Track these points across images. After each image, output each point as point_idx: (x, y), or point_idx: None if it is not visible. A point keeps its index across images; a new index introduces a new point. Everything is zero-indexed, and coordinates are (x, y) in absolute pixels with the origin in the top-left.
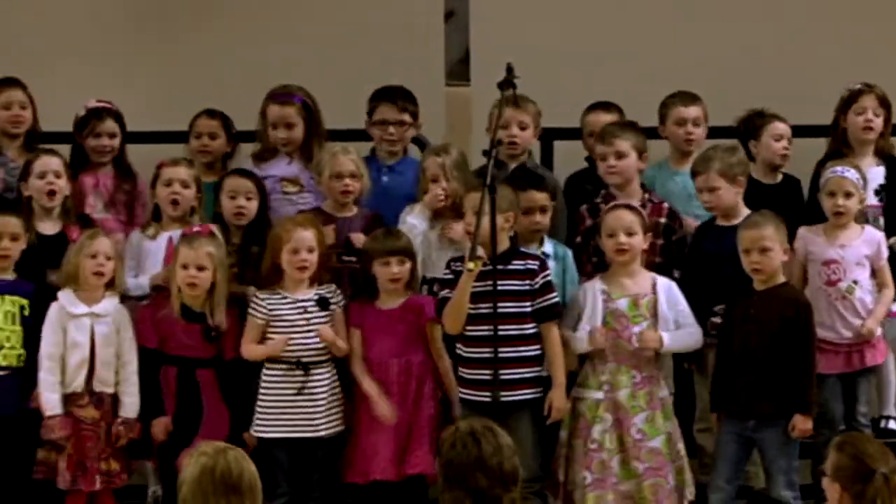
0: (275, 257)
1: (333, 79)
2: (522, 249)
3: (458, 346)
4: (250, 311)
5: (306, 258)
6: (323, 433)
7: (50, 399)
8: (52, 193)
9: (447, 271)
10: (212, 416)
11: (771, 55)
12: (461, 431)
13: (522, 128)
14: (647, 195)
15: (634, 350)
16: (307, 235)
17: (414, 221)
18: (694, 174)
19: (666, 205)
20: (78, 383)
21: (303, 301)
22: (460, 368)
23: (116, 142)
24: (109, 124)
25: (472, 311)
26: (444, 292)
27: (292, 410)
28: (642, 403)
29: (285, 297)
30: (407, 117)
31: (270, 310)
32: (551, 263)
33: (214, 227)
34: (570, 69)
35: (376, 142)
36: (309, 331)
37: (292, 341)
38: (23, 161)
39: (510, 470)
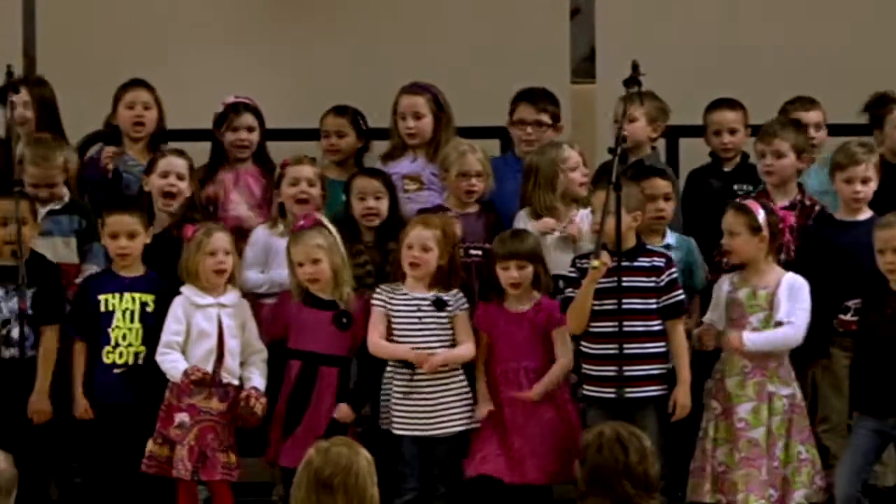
0: (399, 252)
1: (460, 77)
2: (649, 247)
3: (583, 343)
4: (373, 301)
5: (418, 256)
6: (442, 432)
7: (176, 364)
8: (169, 196)
9: (572, 269)
10: (318, 409)
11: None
12: (607, 436)
13: (632, 120)
14: (800, 196)
15: None
16: (425, 234)
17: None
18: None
19: (818, 207)
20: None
21: (419, 299)
22: (584, 365)
23: (254, 136)
24: (247, 118)
25: (598, 308)
26: (568, 291)
27: (413, 407)
28: (750, 393)
29: (405, 294)
30: (545, 118)
31: (389, 302)
32: (675, 254)
33: (320, 215)
34: (694, 66)
35: (515, 141)
36: (420, 330)
37: (402, 338)
38: (146, 161)
39: (654, 477)
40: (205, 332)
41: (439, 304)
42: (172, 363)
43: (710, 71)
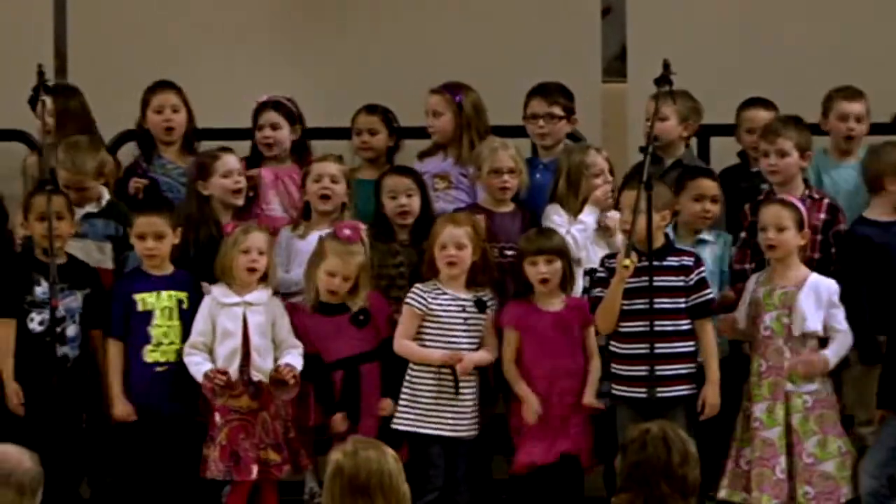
0: (431, 252)
1: (491, 77)
2: (678, 246)
3: (612, 342)
4: (409, 300)
5: (454, 254)
6: (466, 434)
7: (199, 367)
8: (239, 192)
9: (601, 269)
10: (366, 409)
11: None
12: (652, 434)
13: (662, 119)
14: (808, 191)
15: (762, 337)
16: (456, 233)
17: (587, 220)
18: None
19: (827, 200)
20: (232, 371)
21: (463, 300)
22: (614, 365)
23: (280, 134)
24: (270, 116)
25: (627, 307)
26: (597, 291)
27: (439, 408)
28: (765, 392)
29: (445, 293)
30: (557, 110)
31: (429, 303)
32: (714, 249)
33: (363, 227)
34: (726, 64)
35: (531, 137)
36: (464, 330)
37: (444, 338)
38: (182, 162)
39: (693, 482)
40: (228, 332)
41: (481, 306)
42: (196, 365)
43: (742, 69)
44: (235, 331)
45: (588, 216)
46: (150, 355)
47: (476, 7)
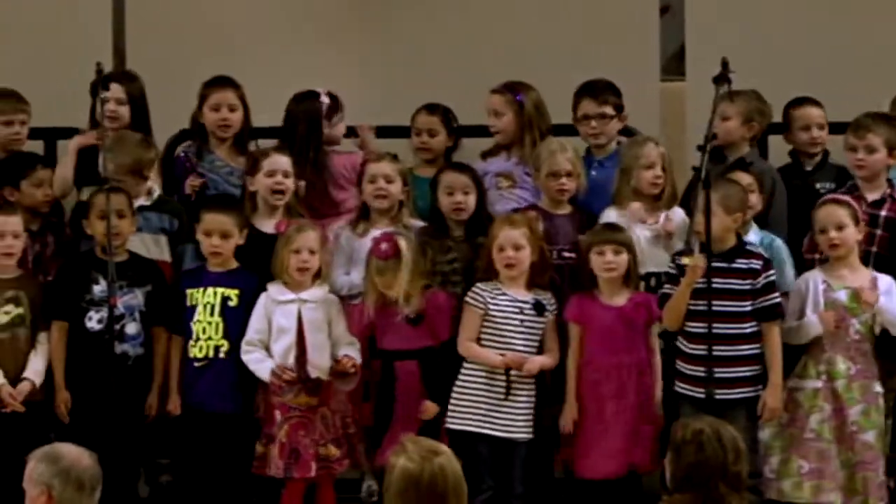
0: (488, 254)
1: (550, 75)
2: (749, 248)
3: (680, 340)
4: (469, 300)
5: (512, 256)
6: (521, 436)
7: (263, 364)
8: (279, 192)
9: (671, 265)
10: (406, 406)
11: None
12: (707, 435)
13: (725, 119)
14: (889, 191)
15: (852, 341)
16: (513, 234)
17: (639, 234)
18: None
19: None
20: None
21: (521, 301)
22: (679, 363)
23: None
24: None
25: (693, 308)
26: (667, 287)
27: (493, 408)
28: (857, 395)
29: (505, 294)
30: (608, 110)
31: (488, 302)
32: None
33: (400, 238)
34: (785, 63)
35: (582, 137)
36: (521, 332)
37: (500, 339)
38: (232, 161)
39: (744, 477)
40: (283, 329)
41: (539, 308)
42: (258, 362)
43: (801, 67)
44: (290, 328)
45: (640, 230)
46: (191, 350)
47: (535, 6)
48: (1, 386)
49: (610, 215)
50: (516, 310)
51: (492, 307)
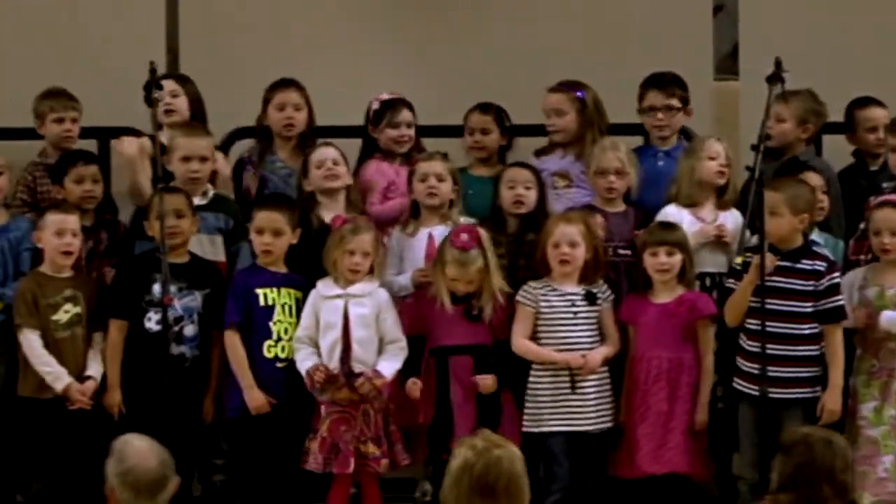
0: (543, 250)
1: (603, 74)
2: (815, 248)
3: (742, 337)
4: (519, 299)
5: (567, 252)
6: (592, 428)
7: (303, 363)
8: (333, 178)
9: (737, 262)
10: (463, 405)
11: None
12: (818, 438)
13: (780, 120)
14: None
15: (876, 338)
16: (569, 231)
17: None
18: None
19: None
20: (333, 365)
21: (571, 294)
22: (738, 359)
23: (413, 132)
24: (406, 114)
25: (753, 305)
26: (729, 282)
27: (563, 404)
28: (874, 392)
29: (555, 290)
30: (675, 102)
31: (539, 299)
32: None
33: (481, 231)
34: (839, 62)
35: (647, 129)
36: (575, 325)
37: (557, 335)
38: (293, 163)
39: (850, 489)
40: (330, 324)
41: (591, 298)
42: (301, 361)
43: (855, 67)
44: (336, 323)
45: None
46: (269, 350)
47: (587, 5)
48: (69, 384)
49: (669, 211)
50: (568, 303)
51: (543, 304)
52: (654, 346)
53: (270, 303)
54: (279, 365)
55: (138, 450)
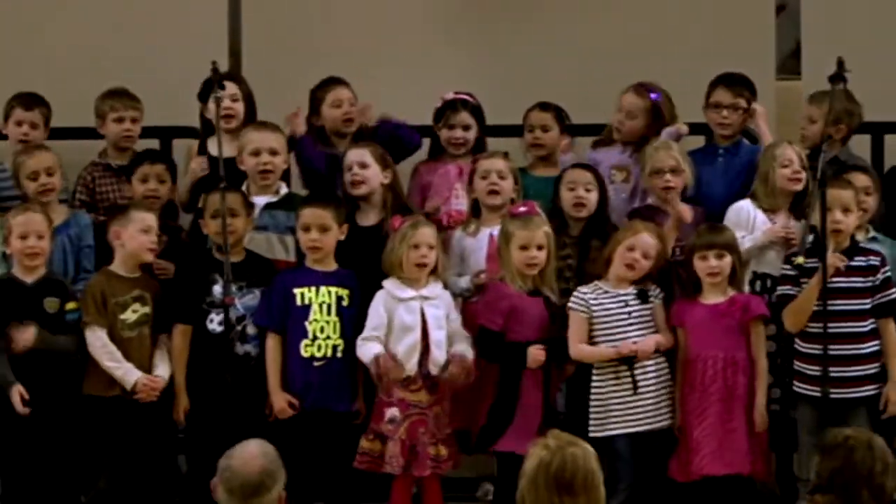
0: (611, 250)
1: (666, 74)
2: (862, 245)
3: (797, 341)
4: (572, 305)
5: (639, 260)
6: (653, 426)
7: (370, 350)
8: (356, 184)
9: (786, 266)
10: (528, 402)
11: None
12: (859, 440)
13: (812, 121)
14: None
15: None
16: (649, 242)
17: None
18: None
19: None
20: (411, 366)
21: (623, 295)
22: (796, 362)
23: (470, 134)
24: (464, 117)
25: (816, 308)
26: (785, 288)
27: (623, 406)
28: None
29: (606, 292)
30: (742, 102)
31: (591, 303)
32: (882, 250)
33: (536, 204)
34: None
35: (711, 126)
36: (630, 324)
37: (615, 336)
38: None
39: (890, 493)
40: (408, 326)
41: (643, 296)
42: (366, 350)
43: None
44: (415, 325)
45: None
46: (306, 350)
47: (649, 5)
48: (140, 378)
49: (742, 206)
50: (621, 304)
51: (595, 307)
52: (708, 347)
53: (307, 302)
54: (316, 364)
55: (244, 453)
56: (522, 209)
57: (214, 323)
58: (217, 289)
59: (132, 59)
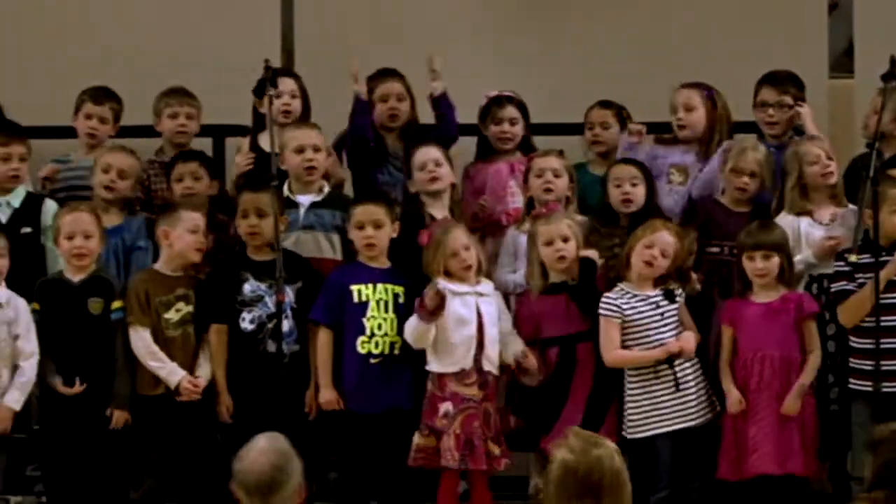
0: (630, 250)
1: (718, 72)
2: None
3: (851, 336)
4: (603, 311)
5: (658, 258)
6: (695, 422)
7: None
8: (434, 180)
9: (839, 263)
10: (573, 397)
11: None
12: None
13: (876, 112)
14: None
15: None
16: (669, 239)
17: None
18: None
19: None
20: (466, 361)
21: (652, 297)
22: (851, 359)
23: (517, 129)
24: (510, 111)
25: None
26: (841, 284)
27: (665, 404)
28: None
29: (635, 295)
30: (788, 99)
31: (623, 308)
32: None
33: (559, 206)
34: None
35: (759, 124)
36: (664, 325)
37: (649, 338)
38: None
39: None
40: (464, 319)
41: (670, 296)
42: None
43: None
44: (471, 319)
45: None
46: (363, 346)
47: (702, 5)
48: (184, 377)
49: (784, 222)
50: (652, 306)
51: (628, 311)
52: (763, 346)
53: (364, 299)
54: (373, 361)
55: (254, 450)
56: (542, 209)
57: (246, 322)
58: (248, 287)
59: (184, 59)
